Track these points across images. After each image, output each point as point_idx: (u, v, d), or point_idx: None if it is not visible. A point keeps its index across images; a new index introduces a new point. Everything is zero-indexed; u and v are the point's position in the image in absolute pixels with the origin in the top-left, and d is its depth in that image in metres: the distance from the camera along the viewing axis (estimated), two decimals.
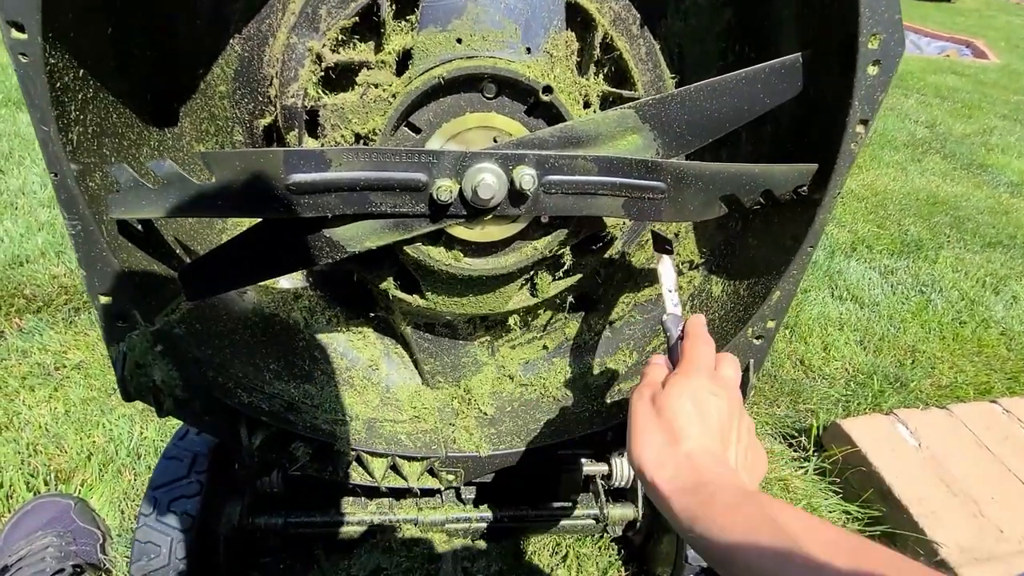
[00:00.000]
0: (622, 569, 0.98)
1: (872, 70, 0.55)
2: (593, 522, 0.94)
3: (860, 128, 0.58)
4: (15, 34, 0.45)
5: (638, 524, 0.93)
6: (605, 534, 0.98)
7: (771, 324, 0.71)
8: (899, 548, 1.07)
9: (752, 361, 0.74)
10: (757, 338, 0.73)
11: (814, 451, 1.25)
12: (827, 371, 1.52)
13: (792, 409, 1.39)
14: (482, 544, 0.92)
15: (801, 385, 1.46)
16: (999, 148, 3.30)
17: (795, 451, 1.27)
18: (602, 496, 0.94)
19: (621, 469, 0.93)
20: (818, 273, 1.95)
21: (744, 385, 0.76)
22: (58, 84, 0.48)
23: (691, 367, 0.56)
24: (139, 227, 0.60)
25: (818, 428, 1.28)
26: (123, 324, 0.60)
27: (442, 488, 0.82)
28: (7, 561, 0.83)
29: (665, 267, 0.69)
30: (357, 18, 0.57)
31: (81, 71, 0.51)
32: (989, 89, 4.44)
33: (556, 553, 0.97)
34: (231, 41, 0.63)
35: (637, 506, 0.93)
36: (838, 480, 1.19)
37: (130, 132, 0.59)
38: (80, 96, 0.51)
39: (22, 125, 2.25)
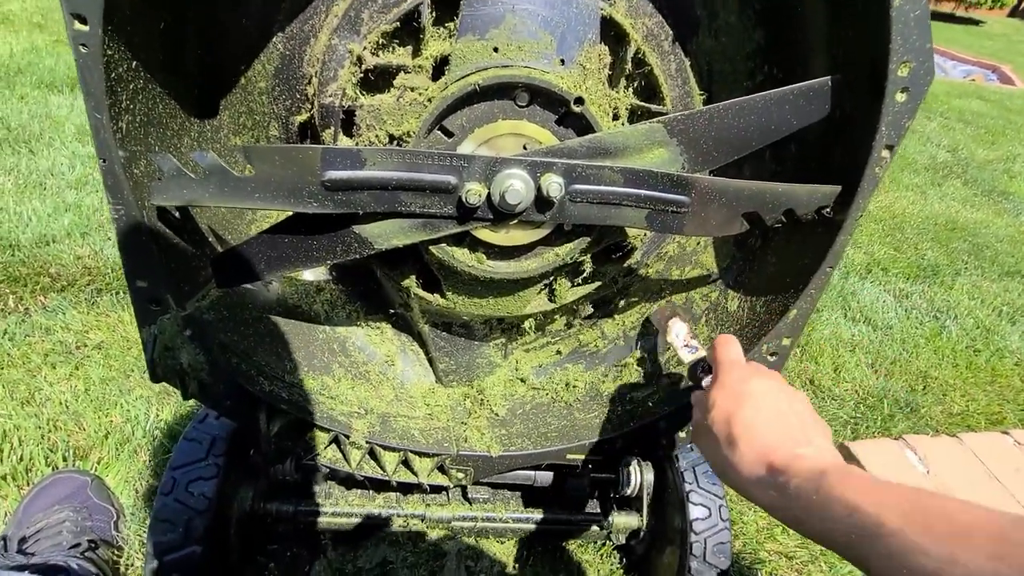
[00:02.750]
0: None
1: (900, 97, 0.56)
2: (597, 528, 0.95)
3: (885, 153, 0.59)
4: (77, 26, 0.47)
5: (642, 533, 0.94)
6: (608, 541, 0.99)
7: (786, 342, 0.72)
8: None
9: None
10: (771, 355, 0.73)
11: None
12: (837, 392, 1.52)
13: None
14: (486, 544, 0.93)
15: None
16: (1022, 176, 3.27)
17: None
18: (607, 503, 0.95)
19: (627, 476, 0.93)
20: (832, 293, 1.95)
21: None
22: (113, 74, 0.51)
23: (721, 372, 0.58)
24: (176, 215, 0.62)
25: None
26: (156, 308, 0.62)
27: (451, 485, 0.83)
28: (25, 532, 0.85)
29: (677, 327, 0.73)
30: (398, 23, 0.59)
31: (134, 63, 0.53)
32: (1015, 116, 4.39)
33: (559, 558, 0.98)
34: (274, 39, 0.65)
35: (642, 515, 0.93)
36: None
37: (173, 123, 0.62)
38: (132, 86, 0.54)
39: (53, 107, 2.30)
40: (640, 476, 0.94)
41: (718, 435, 0.54)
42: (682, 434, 0.80)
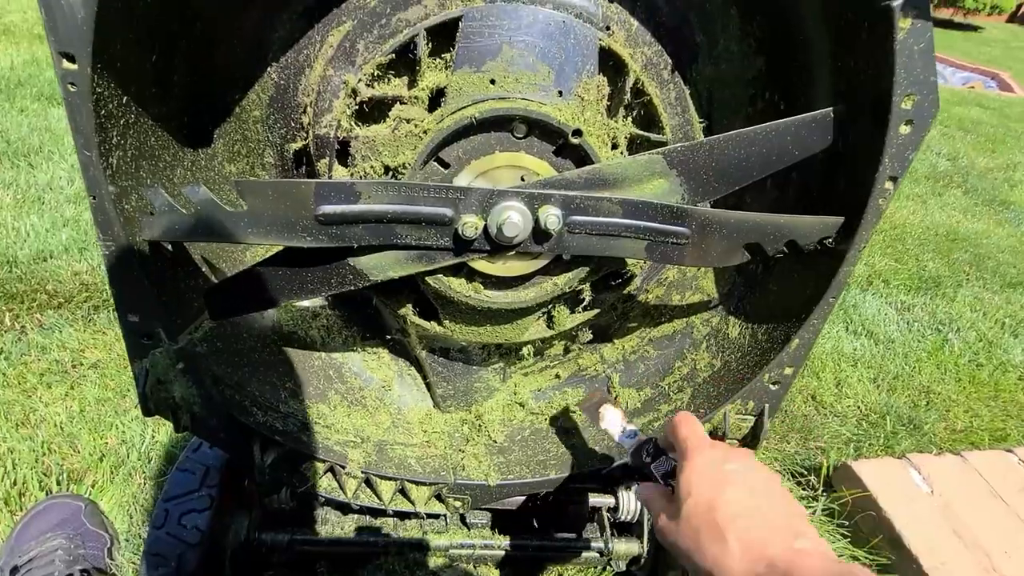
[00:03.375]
0: None
1: (904, 129, 0.55)
2: (597, 555, 0.93)
3: (889, 184, 0.58)
4: (66, 64, 0.46)
5: (642, 560, 0.92)
6: (608, 567, 0.97)
7: (788, 371, 0.71)
8: None
9: (767, 406, 0.74)
10: (774, 383, 0.72)
11: (823, 491, 1.24)
12: (839, 408, 1.50)
13: (802, 446, 1.37)
14: (484, 571, 0.92)
15: (812, 422, 1.44)
16: (1022, 185, 3.26)
17: (804, 489, 1.26)
18: (607, 529, 0.93)
19: (627, 502, 0.92)
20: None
21: (758, 430, 0.75)
22: (103, 112, 0.50)
23: (690, 454, 0.52)
24: (169, 247, 0.61)
25: (828, 468, 1.26)
26: (148, 341, 0.61)
27: (449, 514, 0.82)
28: (17, 562, 0.84)
29: (610, 414, 0.69)
30: (394, 55, 0.59)
31: (124, 98, 0.52)
32: (1014, 124, 4.39)
33: None
34: (268, 69, 0.64)
35: (642, 541, 0.92)
36: (847, 523, 1.17)
37: (166, 154, 0.61)
38: (122, 122, 0.53)
39: (52, 120, 2.30)
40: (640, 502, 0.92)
41: (698, 528, 0.47)
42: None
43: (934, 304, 2.04)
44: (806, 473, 1.28)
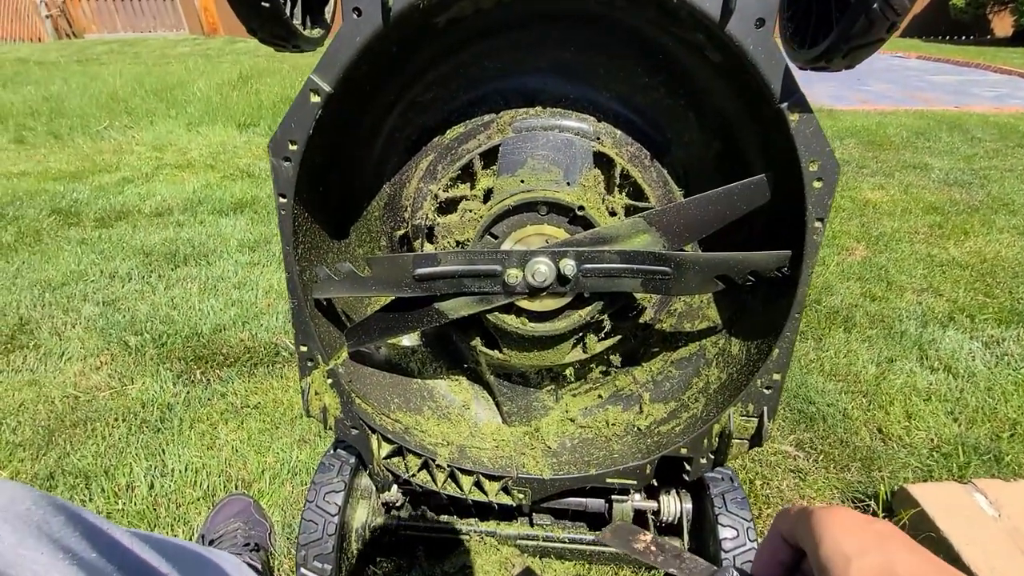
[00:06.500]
0: None
1: (817, 184, 0.75)
2: None
3: (818, 224, 0.78)
4: (280, 200, 0.83)
5: None
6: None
7: (776, 376, 0.88)
8: None
9: (766, 408, 0.90)
10: (766, 388, 0.89)
11: (884, 516, 1.27)
12: (908, 440, 1.51)
13: (865, 475, 1.41)
14: (548, 562, 1.10)
15: (876, 452, 1.47)
16: None
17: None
18: (652, 529, 1.09)
19: (668, 505, 1.08)
20: (907, 343, 1.92)
21: (760, 429, 0.91)
22: (295, 223, 0.86)
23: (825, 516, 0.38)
24: (325, 303, 0.95)
25: (887, 493, 1.30)
26: (311, 364, 0.94)
27: (514, 503, 1.04)
28: (212, 536, 1.18)
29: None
30: (460, 171, 0.91)
31: (306, 214, 0.88)
32: None
33: None
34: (384, 186, 0.99)
35: (683, 539, 1.06)
36: None
37: (323, 244, 0.96)
38: (304, 228, 0.89)
39: (222, 228, 3.00)
40: (679, 504, 1.08)
41: None
42: (702, 460, 0.96)
43: None
44: (866, 499, 1.32)
